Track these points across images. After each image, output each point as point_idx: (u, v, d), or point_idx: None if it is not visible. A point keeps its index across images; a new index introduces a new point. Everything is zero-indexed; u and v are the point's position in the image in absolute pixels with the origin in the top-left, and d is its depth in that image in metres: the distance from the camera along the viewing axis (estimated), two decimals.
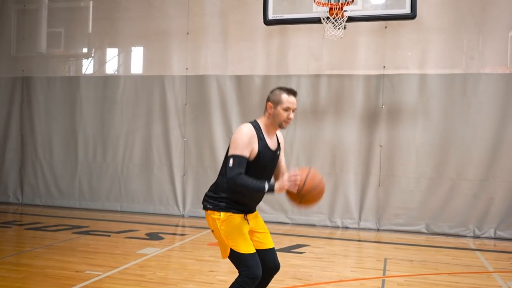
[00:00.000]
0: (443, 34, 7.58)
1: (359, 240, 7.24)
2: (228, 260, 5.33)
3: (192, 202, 8.70)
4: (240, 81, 8.47)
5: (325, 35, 6.29)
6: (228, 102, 8.50)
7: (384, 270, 5.34)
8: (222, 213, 3.06)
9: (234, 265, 3.11)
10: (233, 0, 8.46)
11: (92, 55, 9.56)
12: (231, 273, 4.87)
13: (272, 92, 3.18)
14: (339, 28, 6.23)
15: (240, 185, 2.92)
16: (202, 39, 8.65)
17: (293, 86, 7.95)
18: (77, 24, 9.44)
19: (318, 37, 7.66)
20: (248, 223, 3.14)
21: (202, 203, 3.21)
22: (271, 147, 3.13)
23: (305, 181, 2.87)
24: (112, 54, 9.51)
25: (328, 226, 8.03)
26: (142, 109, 8.99)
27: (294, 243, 6.60)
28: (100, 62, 9.54)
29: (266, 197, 8.59)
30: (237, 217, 3.09)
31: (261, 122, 3.16)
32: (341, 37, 6.27)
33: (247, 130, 3.05)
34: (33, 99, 9.57)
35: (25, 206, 9.37)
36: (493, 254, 6.42)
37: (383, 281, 4.87)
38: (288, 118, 3.09)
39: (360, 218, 7.96)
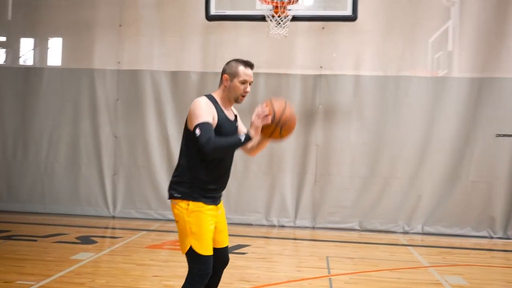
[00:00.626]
0: (377, 37, 7.82)
1: (295, 239, 7.30)
2: (172, 264, 5.16)
3: (124, 203, 8.32)
4: (176, 77, 8.22)
5: (270, 33, 6.24)
6: (163, 98, 8.21)
7: (328, 268, 5.40)
8: (191, 203, 2.92)
9: (188, 261, 2.98)
10: None
11: (12, 44, 8.83)
12: (177, 277, 4.71)
13: (227, 64, 3.09)
14: (283, 27, 6.21)
15: (215, 148, 2.81)
16: (136, 32, 8.28)
17: None
18: None
19: (257, 35, 7.63)
20: (216, 211, 3.03)
21: (168, 191, 3.04)
22: (230, 118, 3.06)
23: (273, 109, 2.83)
24: (34, 44, 8.82)
25: (264, 225, 8.01)
26: (69, 104, 8.44)
27: (235, 243, 6.50)
28: (21, 52, 8.83)
29: None
30: (208, 212, 2.96)
31: (217, 95, 3.06)
32: (286, 36, 6.25)
33: (204, 100, 2.97)
34: None
35: None
36: (424, 249, 6.73)
37: (330, 280, 4.91)
38: (245, 92, 3.02)
39: (296, 217, 8.03)
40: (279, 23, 6.12)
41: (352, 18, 6.36)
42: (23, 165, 8.52)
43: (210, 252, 2.95)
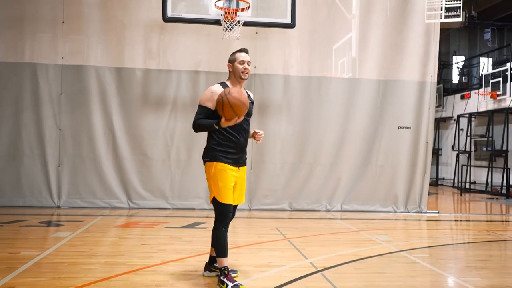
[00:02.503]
0: (303, 42, 9.06)
1: (241, 217, 8.24)
2: (152, 237, 6.00)
3: (69, 193, 8.61)
4: (120, 73, 8.72)
5: (225, 36, 7.13)
6: (108, 93, 8.67)
7: (283, 234, 6.44)
8: (217, 164, 3.92)
9: (214, 210, 4.01)
10: None
11: None
12: (162, 244, 5.43)
13: (230, 56, 4.13)
14: (233, 30, 7.13)
15: (198, 126, 3.93)
16: (79, 29, 8.63)
17: (173, 81, 8.76)
18: None
19: (198, 36, 8.52)
20: (237, 173, 4.01)
21: (202, 158, 4.08)
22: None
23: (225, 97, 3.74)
24: None
25: (206, 209, 8.82)
26: (9, 98, 8.53)
27: (191, 222, 7.26)
28: None
29: (146, 185, 8.87)
30: (229, 171, 3.95)
31: (228, 81, 4.09)
32: (238, 38, 7.19)
33: (213, 87, 4.00)
34: None
35: None
36: (347, 221, 8.06)
37: (290, 241, 5.95)
38: (245, 69, 3.99)
39: None
40: (231, 28, 7.04)
41: (292, 25, 7.48)
42: None
43: (229, 201, 3.95)
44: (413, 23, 9.20)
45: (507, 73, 13.92)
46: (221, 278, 3.87)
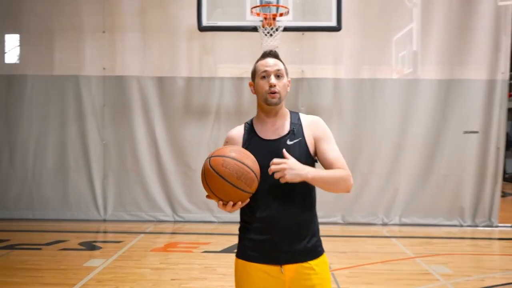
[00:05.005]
0: (354, 41, 8.31)
1: None
2: (186, 266, 5.49)
3: (114, 206, 8.50)
4: (162, 82, 8.43)
5: (263, 44, 6.60)
6: (150, 103, 8.41)
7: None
8: (237, 261, 2.40)
9: None
10: (150, 0, 8.36)
11: None
12: (193, 279, 5.06)
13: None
14: (273, 38, 6.57)
15: None
16: (120, 39, 8.42)
17: (216, 88, 8.31)
18: None
19: (240, 42, 8.00)
20: (277, 275, 2.31)
21: None
22: (269, 136, 2.39)
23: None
24: (14, 50, 8.79)
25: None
26: (54, 111, 8.50)
27: (233, 243, 6.87)
28: (3, 59, 8.77)
29: (191, 197, 8.63)
30: (255, 272, 2.33)
31: (256, 116, 2.50)
32: (277, 47, 6.62)
33: (228, 136, 2.51)
34: None
35: None
36: (405, 240, 7.33)
37: (333, 274, 5.39)
38: (270, 86, 2.35)
39: None
40: (271, 34, 6.48)
41: (337, 28, 6.80)
42: (9, 172, 8.52)
43: None
44: (482, 11, 8.15)
45: None
46: None
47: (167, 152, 8.45)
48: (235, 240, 2.46)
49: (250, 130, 2.45)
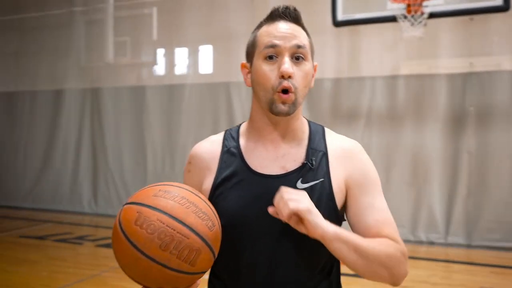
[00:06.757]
0: None
1: (447, 261, 6.50)
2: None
3: None
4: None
5: (404, 35, 5.59)
6: None
7: None
8: None
9: None
10: None
11: (157, 62, 9.40)
12: None
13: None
14: (418, 26, 5.51)
15: None
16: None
17: (367, 89, 7.43)
18: (142, 32, 9.30)
19: (393, 35, 6.95)
20: None
21: None
22: (265, 168, 1.48)
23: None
24: (177, 60, 9.28)
25: (410, 241, 7.31)
26: (208, 119, 8.69)
27: None
28: (166, 70, 9.35)
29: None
30: None
31: (244, 124, 1.65)
32: (421, 37, 5.54)
33: (191, 152, 1.62)
34: (102, 110, 9.58)
35: (99, 217, 9.41)
36: None
37: None
38: (283, 77, 1.39)
39: (447, 232, 7.19)
40: (412, 23, 5.42)
41: (503, 8, 5.37)
42: (171, 176, 9.00)
43: None
44: None
45: None
46: None
47: None
48: None
49: (233, 150, 1.51)
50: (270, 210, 1.35)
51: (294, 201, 1.29)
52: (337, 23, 6.11)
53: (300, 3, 7.13)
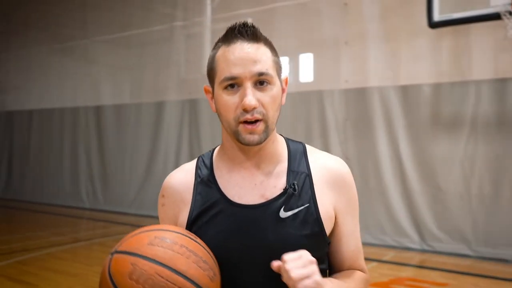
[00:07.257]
0: None
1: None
2: None
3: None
4: (405, 91, 7.45)
5: (508, 34, 5.02)
6: (393, 115, 7.53)
7: None
8: None
9: None
10: (392, 1, 7.48)
11: None
12: None
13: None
14: None
15: None
16: (361, 48, 7.84)
17: (471, 94, 6.81)
18: None
19: (500, 35, 6.29)
20: None
21: None
22: (243, 198, 1.37)
23: None
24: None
25: None
26: (301, 127, 8.53)
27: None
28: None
29: (441, 224, 7.39)
30: None
31: (220, 148, 1.50)
32: None
33: (163, 184, 1.50)
34: (199, 121, 9.84)
35: None
36: None
37: None
38: (245, 110, 1.29)
39: None
40: None
41: None
42: None
43: None
44: None
45: None
46: None
47: (412, 170, 7.39)
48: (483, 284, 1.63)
49: (207, 179, 1.38)
50: (274, 266, 1.23)
51: (304, 278, 1.17)
52: (433, 24, 5.66)
53: (394, 7, 6.83)
